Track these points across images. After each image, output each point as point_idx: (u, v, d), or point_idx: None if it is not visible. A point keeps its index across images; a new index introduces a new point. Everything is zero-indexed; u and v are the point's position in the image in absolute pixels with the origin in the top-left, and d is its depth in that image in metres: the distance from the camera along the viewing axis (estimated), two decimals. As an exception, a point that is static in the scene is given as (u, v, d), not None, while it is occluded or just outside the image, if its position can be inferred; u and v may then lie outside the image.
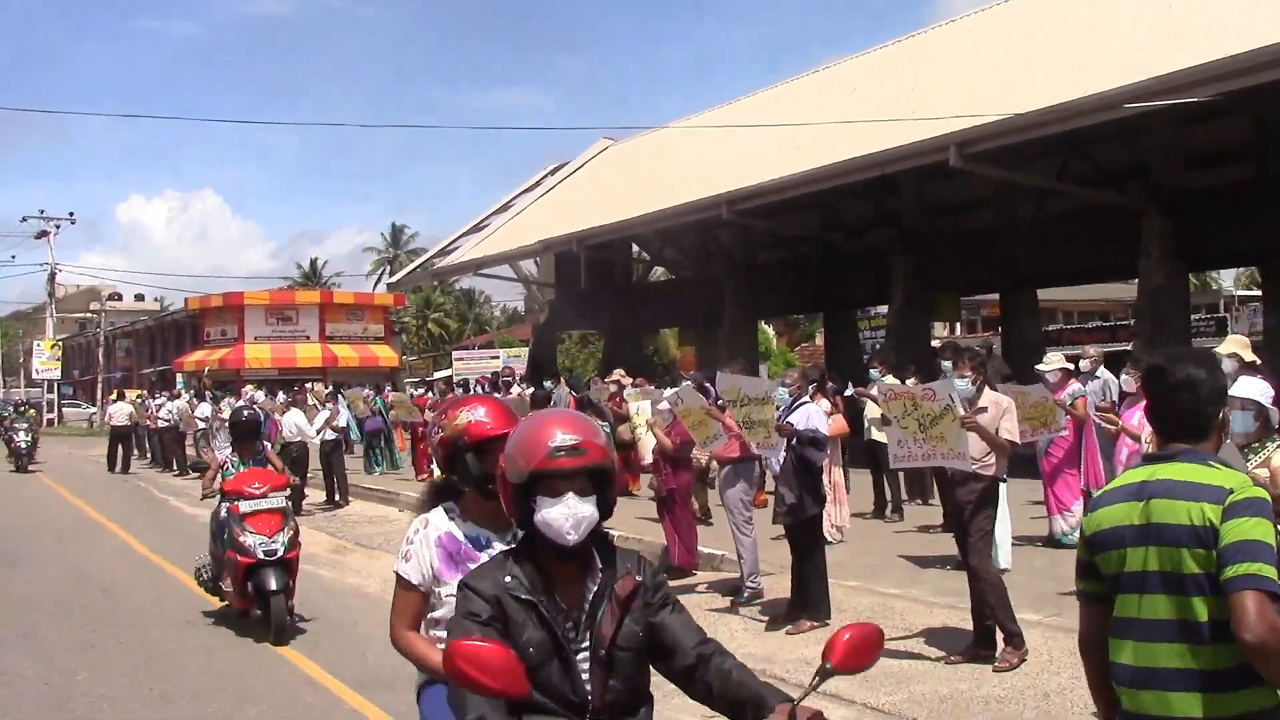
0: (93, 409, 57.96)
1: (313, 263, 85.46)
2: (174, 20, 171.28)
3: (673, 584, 10.51)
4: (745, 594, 9.51)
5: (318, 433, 17.91)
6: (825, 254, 28.75)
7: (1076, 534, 10.85)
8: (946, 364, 12.44)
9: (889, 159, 19.25)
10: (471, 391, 19.43)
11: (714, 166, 25.28)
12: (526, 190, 37.82)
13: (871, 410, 13.39)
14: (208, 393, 31.94)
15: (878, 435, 13.38)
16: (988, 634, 7.34)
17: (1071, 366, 11.41)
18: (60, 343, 63.57)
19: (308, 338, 56.18)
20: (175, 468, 26.55)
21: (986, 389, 7.54)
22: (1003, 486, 7.63)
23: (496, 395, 18.01)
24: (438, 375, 44.74)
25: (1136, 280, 20.75)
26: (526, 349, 40.86)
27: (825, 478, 11.44)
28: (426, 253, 43.38)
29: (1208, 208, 19.75)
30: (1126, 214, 20.26)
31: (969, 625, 7.98)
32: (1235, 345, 9.45)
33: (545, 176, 38.36)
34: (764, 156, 23.60)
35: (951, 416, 7.02)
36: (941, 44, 25.27)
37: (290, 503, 17.26)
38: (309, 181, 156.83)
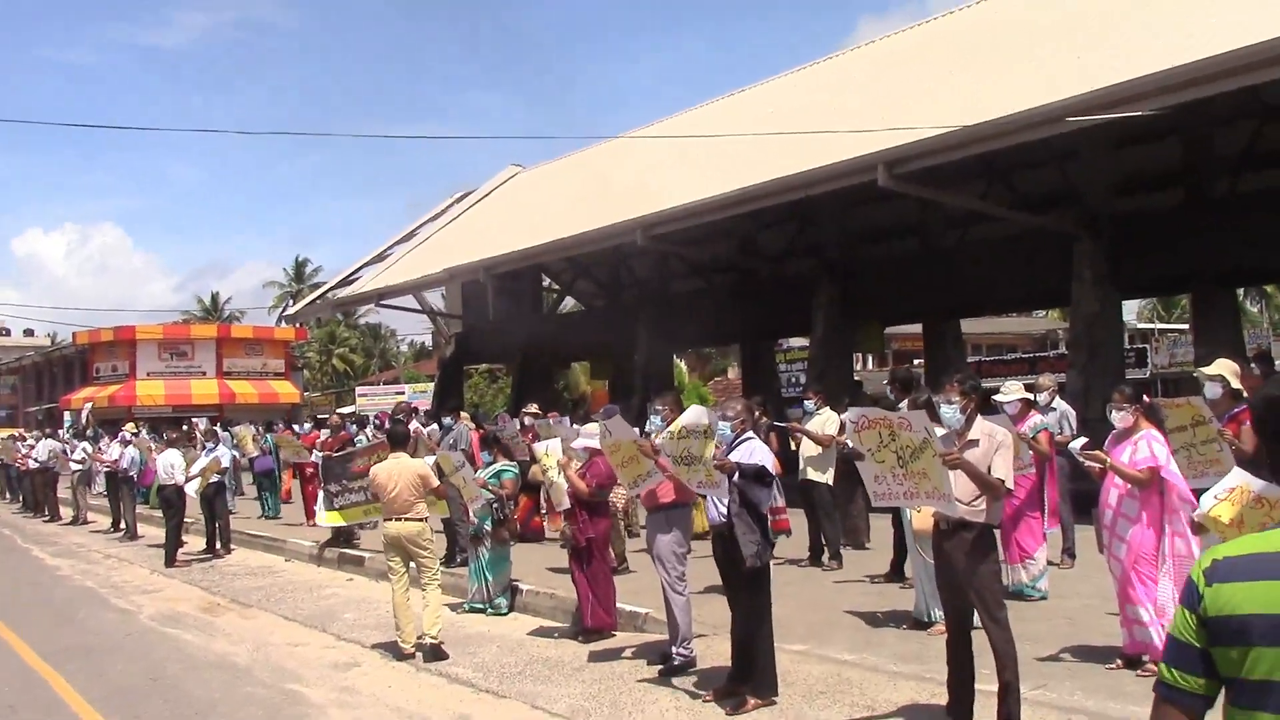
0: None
1: (214, 297, 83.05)
2: (72, 50, 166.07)
3: (588, 648, 9.22)
4: (676, 661, 8.21)
5: (188, 480, 16.18)
6: (744, 284, 27.74)
7: (1043, 583, 9.84)
8: (892, 399, 11.45)
9: (813, 180, 18.21)
10: (369, 428, 17.91)
11: (628, 192, 24.15)
12: (432, 219, 36.36)
13: (807, 447, 12.22)
14: (88, 432, 29.97)
15: (813, 474, 12.22)
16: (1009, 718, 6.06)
17: (1032, 397, 10.35)
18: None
19: (204, 374, 54.17)
20: (46, 513, 24.53)
21: (979, 419, 6.36)
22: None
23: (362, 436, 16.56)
24: (342, 411, 42.98)
25: (1041, 314, 20.28)
26: (433, 384, 39.30)
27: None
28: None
29: (1140, 232, 19.08)
30: (1056, 239, 19.48)
31: (941, 699, 6.78)
32: (1224, 369, 8.46)
33: (451, 204, 36.95)
34: (680, 181, 22.50)
35: (931, 451, 5.82)
36: (865, 64, 24.47)
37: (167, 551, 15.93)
38: (213, 215, 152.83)
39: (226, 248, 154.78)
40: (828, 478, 12.18)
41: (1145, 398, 7.45)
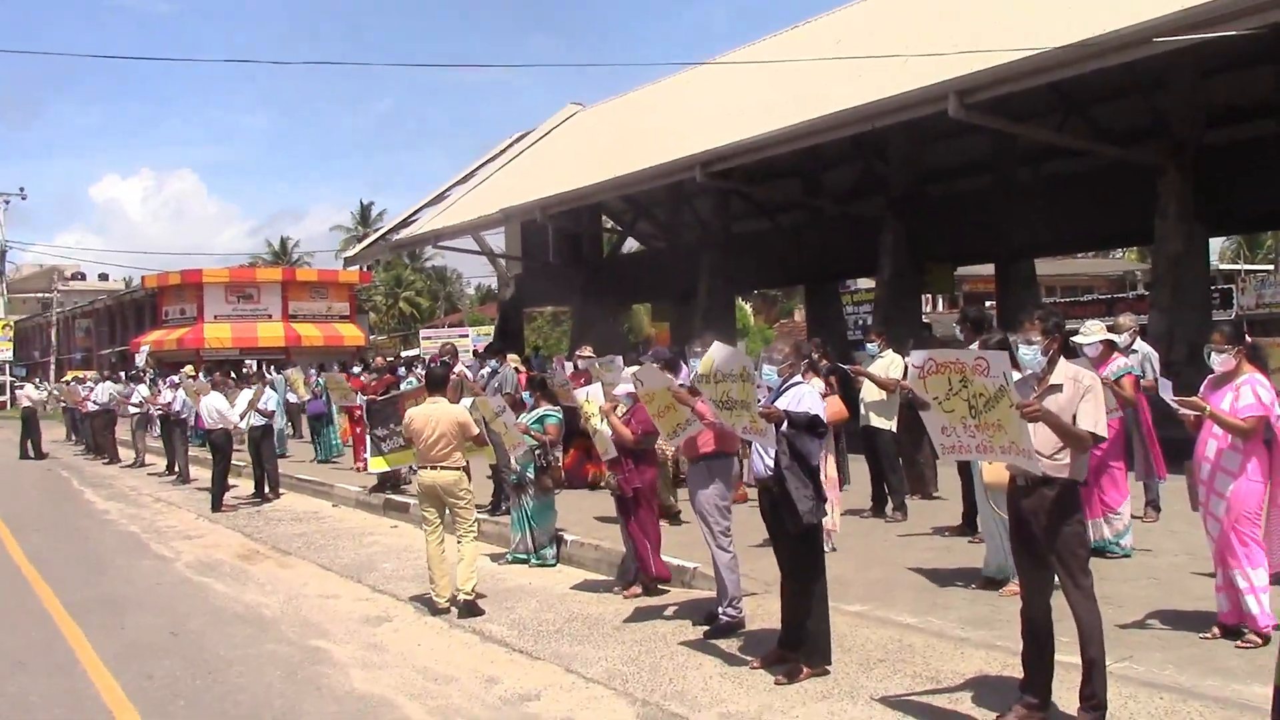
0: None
1: (283, 241, 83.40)
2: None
3: (635, 605, 8.65)
4: (723, 622, 7.60)
5: (241, 417, 15.89)
6: (808, 223, 26.93)
7: (1127, 539, 9.08)
8: (959, 336, 10.66)
9: (880, 111, 17.31)
10: (403, 373, 17.40)
11: (688, 129, 23.40)
12: (490, 159, 35.79)
13: (869, 391, 11.48)
14: (147, 374, 29.96)
15: (876, 420, 11.50)
16: (1094, 700, 5.37)
17: (1115, 338, 9.53)
18: (12, 323, 61.40)
19: (270, 316, 54.39)
20: (106, 455, 24.50)
21: (1062, 361, 5.62)
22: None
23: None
24: (406, 353, 42.84)
25: (1118, 254, 19.12)
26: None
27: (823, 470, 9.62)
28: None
29: (1230, 165, 18.00)
30: (1138, 174, 18.47)
31: (1014, 671, 6.11)
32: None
33: (510, 145, 36.33)
34: (741, 116, 21.67)
35: (1008, 400, 5.10)
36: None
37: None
38: (286, 161, 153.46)
39: (299, 195, 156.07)
40: (892, 424, 11.45)
41: (1248, 338, 6.63)
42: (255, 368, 22.35)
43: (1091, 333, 8.75)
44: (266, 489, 16.49)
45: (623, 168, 23.38)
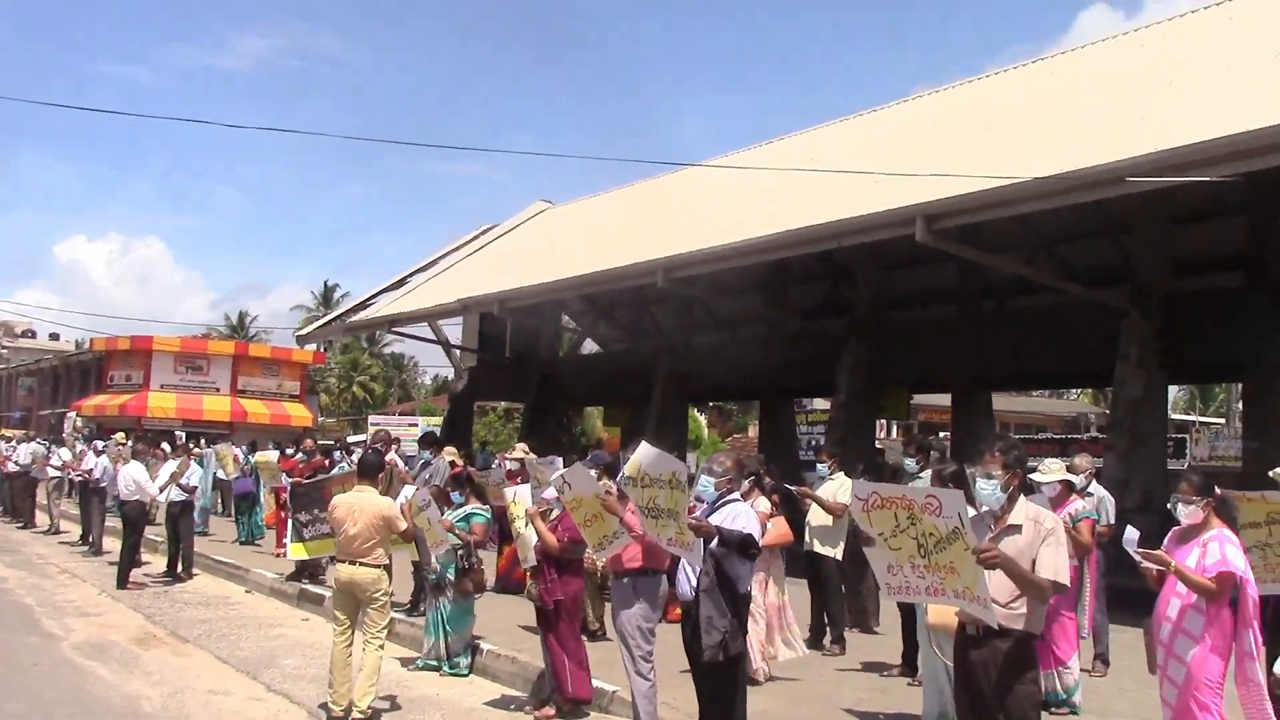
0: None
1: (240, 316, 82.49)
2: (127, 65, 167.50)
3: (545, 727, 7.97)
4: (638, 758, 6.96)
5: (161, 490, 15.12)
6: (769, 339, 26.55)
7: (1077, 695, 8.52)
8: (909, 461, 10.21)
9: (847, 230, 17.04)
10: (337, 456, 16.68)
11: (655, 234, 23.11)
12: (454, 250, 35.41)
13: (815, 515, 10.97)
14: (77, 440, 29.06)
15: (820, 547, 10.96)
16: None
17: (1074, 479, 9.09)
18: (-50, 378, 60.09)
19: (217, 389, 53.27)
20: (21, 519, 23.47)
21: (1022, 499, 5.16)
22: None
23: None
24: (354, 439, 42.00)
25: (1072, 396, 18.88)
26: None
27: (760, 597, 9.06)
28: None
29: (1194, 315, 17.81)
30: (1102, 315, 18.26)
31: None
32: None
33: (476, 237, 36.02)
34: (709, 226, 21.42)
35: (963, 543, 4.60)
36: (913, 119, 23.32)
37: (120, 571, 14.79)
38: (255, 239, 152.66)
39: (264, 272, 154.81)
40: (837, 551, 10.91)
41: (1217, 490, 6.18)
42: (183, 440, 21.51)
43: (1050, 471, 8.31)
44: (180, 568, 15.67)
45: (586, 267, 23.03)
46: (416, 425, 46.75)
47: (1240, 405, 58.12)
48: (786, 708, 8.29)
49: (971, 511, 5.05)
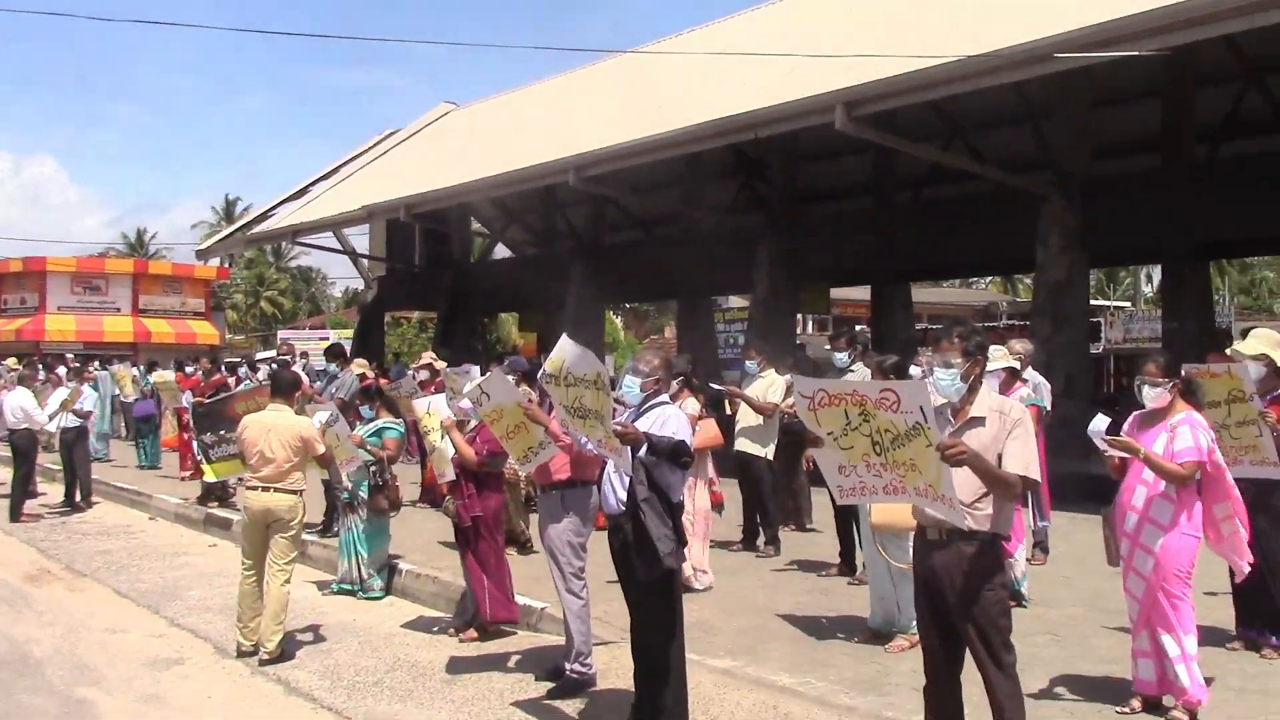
0: None
1: (139, 233, 79.60)
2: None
3: (473, 652, 7.49)
4: (569, 680, 6.51)
5: (51, 418, 14.25)
6: (683, 237, 25.99)
7: (1024, 587, 8.25)
8: (840, 355, 9.79)
9: (763, 120, 16.46)
10: (243, 373, 15.92)
11: (565, 132, 22.31)
12: (356, 156, 34.20)
13: (744, 415, 10.52)
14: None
15: (750, 447, 10.53)
16: None
17: (1018, 365, 8.75)
18: None
19: (118, 310, 51.45)
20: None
21: (984, 389, 4.71)
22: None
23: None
24: (263, 355, 40.87)
25: (982, 285, 18.68)
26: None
27: (689, 503, 8.63)
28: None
29: (1115, 198, 17.58)
30: (1022, 202, 17.94)
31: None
32: (1267, 343, 6.91)
33: (378, 142, 34.80)
34: (621, 121, 20.69)
35: (925, 439, 4.13)
36: (825, 5, 22.65)
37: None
38: (153, 152, 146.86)
39: (165, 187, 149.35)
40: (767, 451, 10.50)
41: (1183, 370, 5.81)
42: (76, 363, 20.41)
43: (995, 358, 7.89)
44: (78, 497, 14.89)
45: (494, 169, 22.20)
46: (328, 339, 45.69)
47: (1149, 288, 59.30)
48: (723, 616, 7.90)
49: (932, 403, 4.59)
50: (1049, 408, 9.91)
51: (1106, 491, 6.23)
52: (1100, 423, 5.75)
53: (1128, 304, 54.74)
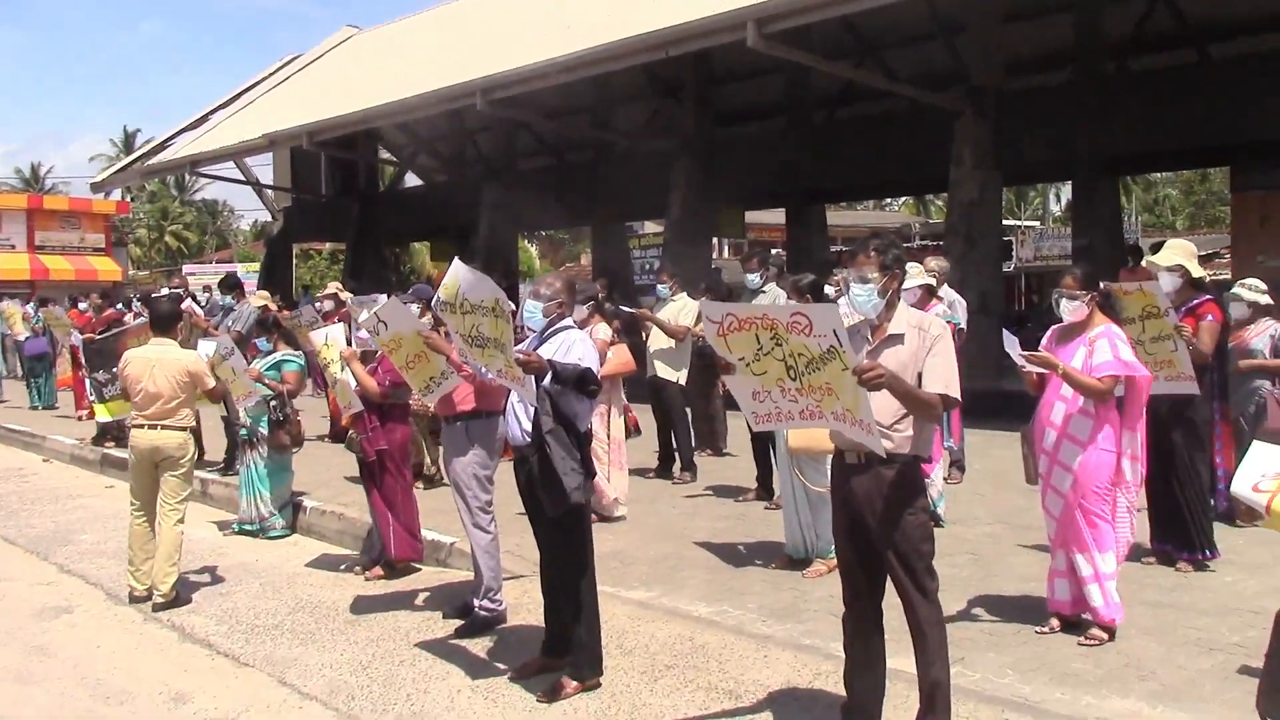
0: None
1: (33, 168, 76.63)
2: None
3: (379, 591, 7.22)
4: (478, 617, 6.28)
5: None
6: (596, 162, 25.55)
7: (941, 507, 8.16)
8: (752, 276, 9.58)
9: (675, 37, 16.05)
10: (134, 308, 15.30)
11: (474, 55, 21.66)
12: (257, 83, 33.06)
13: (656, 339, 10.30)
14: None
15: (663, 371, 10.33)
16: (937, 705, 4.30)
17: (933, 282, 8.60)
18: None
19: (13, 247, 49.65)
20: None
21: (902, 304, 4.49)
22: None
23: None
24: (165, 291, 39.69)
25: (895, 207, 18.52)
26: (264, 264, 36.21)
27: (602, 431, 8.40)
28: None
29: (1027, 113, 17.53)
30: (934, 119, 17.82)
31: (828, 680, 5.05)
32: (1181, 254, 6.81)
33: (280, 68, 33.68)
34: (532, 43, 20.10)
35: (841, 363, 3.90)
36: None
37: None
38: (48, 83, 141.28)
39: (62, 120, 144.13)
40: (680, 376, 10.30)
41: (1101, 284, 5.66)
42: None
43: (911, 275, 7.71)
44: (-32, 440, 14.30)
45: (400, 94, 21.53)
46: (235, 271, 44.59)
47: (1057, 207, 60.03)
48: (638, 546, 7.72)
49: (846, 321, 4.36)
50: (965, 326, 9.85)
51: (1019, 409, 6.11)
52: (1011, 338, 5.60)
53: (1036, 223, 55.39)
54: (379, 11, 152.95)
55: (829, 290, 8.20)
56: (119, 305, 16.49)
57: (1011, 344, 5.52)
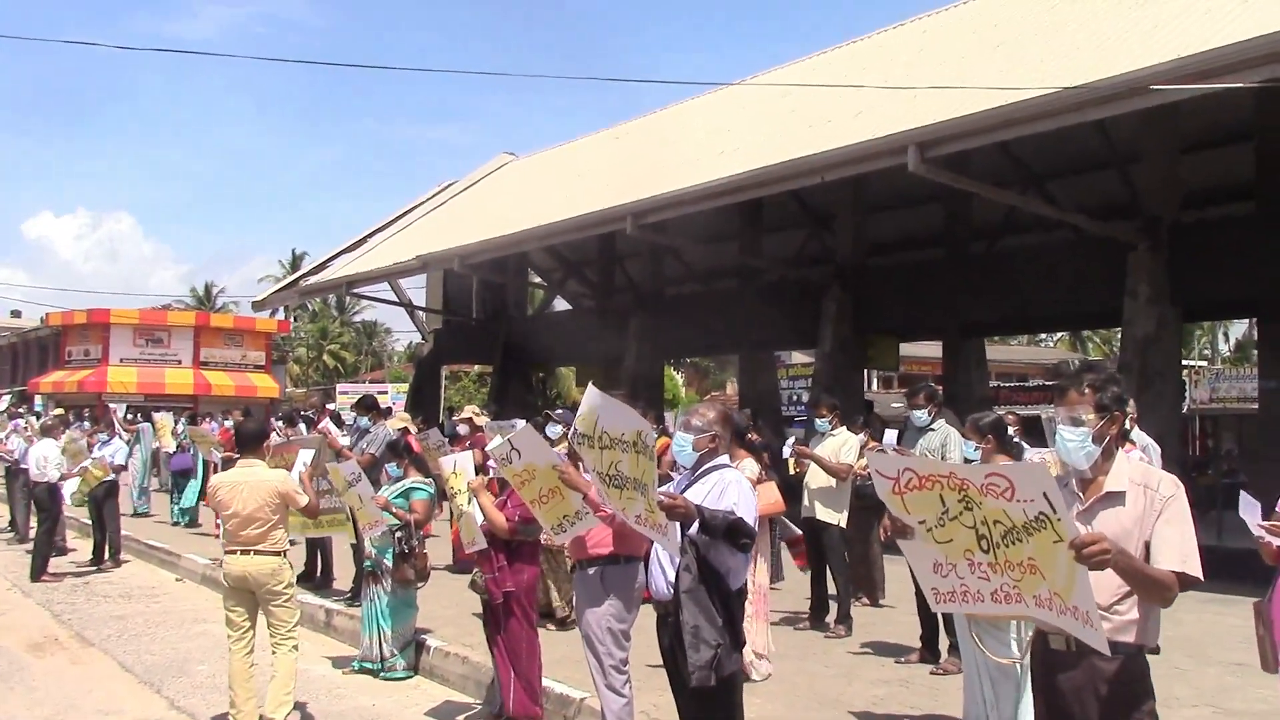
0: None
1: (207, 287, 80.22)
2: (96, 34, 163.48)
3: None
4: (607, 792, 5.53)
5: (63, 478, 13.47)
6: (745, 290, 25.07)
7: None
8: (919, 413, 8.79)
9: (831, 163, 15.56)
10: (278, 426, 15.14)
11: (624, 180, 21.57)
12: (414, 208, 33.76)
13: (815, 477, 9.54)
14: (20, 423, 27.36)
15: (822, 512, 9.54)
16: None
17: (1127, 424, 7.69)
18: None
19: (179, 362, 51.56)
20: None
21: (1121, 455, 3.72)
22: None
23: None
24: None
25: (1050, 344, 17.50)
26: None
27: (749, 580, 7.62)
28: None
29: (1206, 247, 16.40)
30: (1105, 251, 16.85)
31: None
32: None
33: (437, 193, 34.38)
34: (681, 169, 19.87)
35: (1054, 534, 3.13)
36: (901, 44, 21.77)
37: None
38: (226, 209, 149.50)
39: (237, 243, 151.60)
40: (841, 518, 9.50)
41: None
42: (126, 413, 19.86)
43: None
44: (106, 555, 14.17)
45: (550, 217, 21.51)
46: (386, 392, 45.27)
47: (1226, 346, 57.37)
48: (788, 713, 6.87)
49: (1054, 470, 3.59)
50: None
51: (1225, 569, 5.20)
52: (1250, 503, 4.73)
53: (1204, 363, 52.99)
54: (543, 140, 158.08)
55: (1063, 433, 7.35)
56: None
57: (1251, 510, 4.65)
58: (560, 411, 10.18)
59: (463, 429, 11.22)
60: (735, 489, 4.61)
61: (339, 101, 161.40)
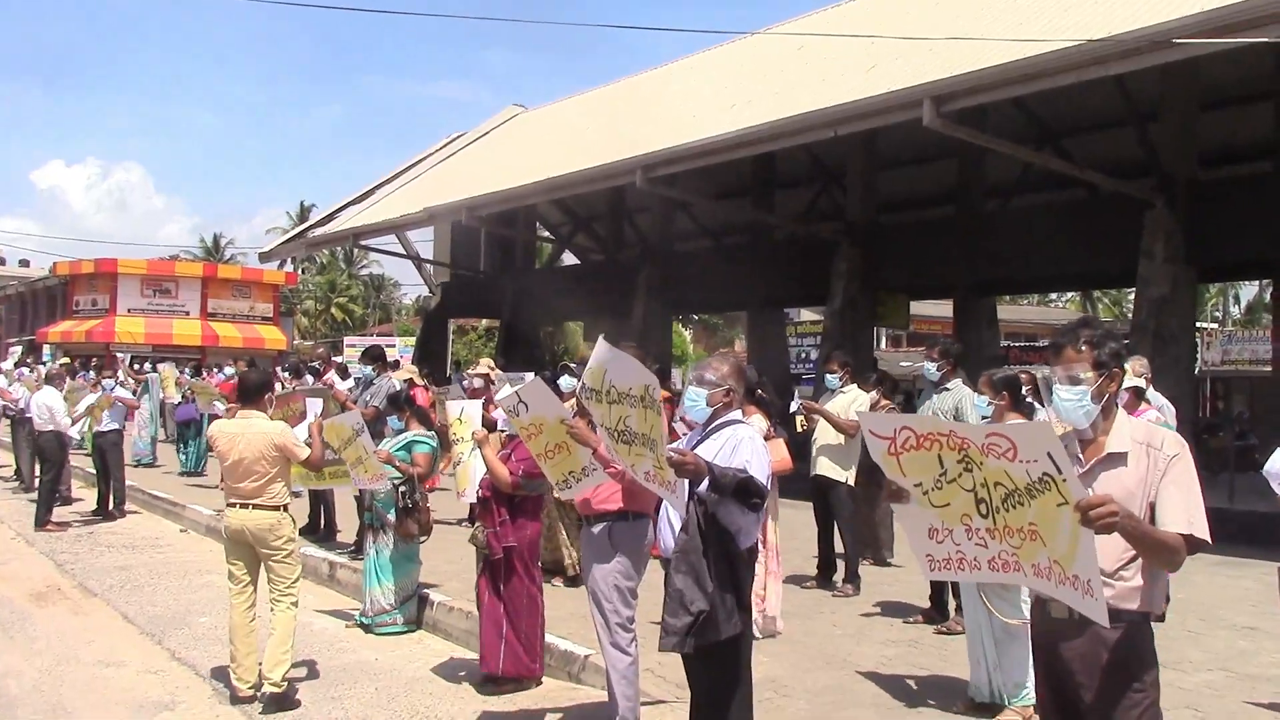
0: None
1: (215, 238, 79.94)
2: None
3: (502, 708, 6.44)
4: (612, 750, 5.44)
5: (75, 422, 13.47)
6: (755, 246, 24.87)
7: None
8: (930, 366, 8.61)
9: (844, 116, 15.35)
10: (285, 376, 15.01)
11: (633, 133, 21.31)
12: (421, 160, 33.47)
13: (824, 434, 9.41)
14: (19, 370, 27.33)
15: (830, 469, 9.42)
16: None
17: (1143, 384, 7.58)
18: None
19: (187, 313, 51.50)
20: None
21: (1122, 413, 3.56)
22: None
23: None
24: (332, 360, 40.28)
25: (1060, 304, 17.28)
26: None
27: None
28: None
29: (1224, 206, 16.16)
30: (1119, 210, 16.64)
31: None
32: None
33: (444, 145, 34.08)
34: (691, 123, 19.63)
35: (1058, 496, 2.98)
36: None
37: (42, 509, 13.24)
38: (236, 162, 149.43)
39: (248, 195, 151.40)
40: (849, 475, 9.38)
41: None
42: (129, 362, 19.77)
43: (1131, 373, 6.69)
44: (111, 505, 14.12)
45: (559, 170, 21.28)
46: (394, 345, 45.16)
47: (1236, 309, 57.00)
48: (796, 673, 6.77)
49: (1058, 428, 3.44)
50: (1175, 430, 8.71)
51: (1238, 532, 5.05)
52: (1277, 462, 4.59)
53: (1214, 325, 52.68)
54: (551, 94, 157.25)
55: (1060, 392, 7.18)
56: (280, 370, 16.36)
57: (1273, 474, 4.51)
58: (578, 365, 10.04)
59: (478, 382, 11.04)
60: (748, 446, 4.47)
61: (350, 56, 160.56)
